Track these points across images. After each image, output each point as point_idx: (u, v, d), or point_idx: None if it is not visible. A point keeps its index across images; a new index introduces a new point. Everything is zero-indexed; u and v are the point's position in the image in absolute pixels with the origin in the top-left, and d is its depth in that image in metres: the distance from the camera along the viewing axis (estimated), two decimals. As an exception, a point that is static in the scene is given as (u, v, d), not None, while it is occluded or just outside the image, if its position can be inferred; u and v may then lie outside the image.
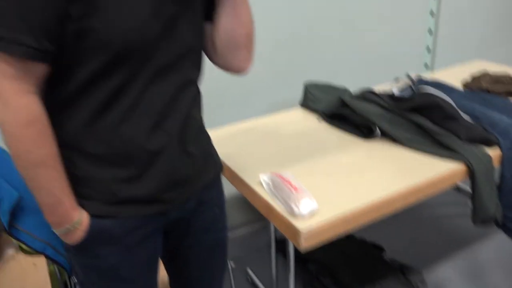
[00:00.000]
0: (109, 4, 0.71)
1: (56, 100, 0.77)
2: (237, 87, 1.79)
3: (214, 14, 0.88)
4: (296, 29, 1.82)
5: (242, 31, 0.88)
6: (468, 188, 1.95)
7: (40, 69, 0.72)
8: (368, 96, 1.50)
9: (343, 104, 1.46)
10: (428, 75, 1.89)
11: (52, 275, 1.19)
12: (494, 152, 1.29)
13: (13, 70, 0.70)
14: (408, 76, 1.77)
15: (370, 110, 1.41)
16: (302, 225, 1.01)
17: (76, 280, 0.92)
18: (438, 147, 1.30)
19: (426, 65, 2.29)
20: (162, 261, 1.01)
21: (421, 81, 1.72)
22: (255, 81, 1.81)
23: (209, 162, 0.94)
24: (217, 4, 0.87)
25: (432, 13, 2.19)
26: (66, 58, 0.73)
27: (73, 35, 0.71)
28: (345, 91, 1.65)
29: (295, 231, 1.02)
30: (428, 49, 2.26)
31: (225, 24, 0.88)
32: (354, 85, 2.00)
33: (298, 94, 1.88)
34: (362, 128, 1.40)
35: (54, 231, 0.80)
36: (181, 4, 0.80)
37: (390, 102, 1.46)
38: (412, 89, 1.63)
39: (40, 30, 0.69)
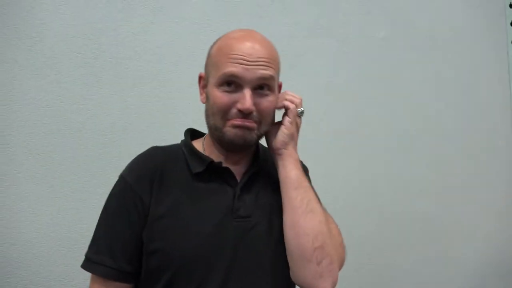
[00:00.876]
0: (171, 227, 0.86)
1: None
2: None
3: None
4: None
5: (305, 244, 0.84)
6: None
7: None
8: None
9: None
10: None
11: None
12: None
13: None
14: None
15: None
16: None
17: None
18: None
19: None
20: None
21: None
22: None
23: None
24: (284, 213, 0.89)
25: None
26: (140, 278, 0.88)
27: (145, 256, 0.86)
28: None
29: None
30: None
31: (286, 233, 0.87)
32: None
33: None
34: None
35: None
36: (249, 220, 0.89)
37: None
38: None
39: (120, 252, 0.86)
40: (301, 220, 0.85)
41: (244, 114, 0.86)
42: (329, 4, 1.71)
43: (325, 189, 1.66)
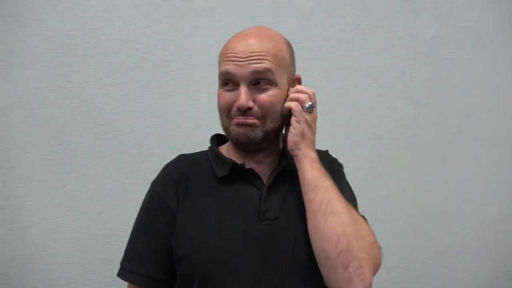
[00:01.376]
0: (197, 233, 0.85)
1: None
2: None
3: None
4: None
5: (328, 247, 0.79)
6: None
7: None
8: None
9: None
10: None
11: None
12: None
13: None
14: None
15: None
16: None
17: None
18: None
19: None
20: None
21: None
22: None
23: None
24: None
25: None
26: (175, 285, 0.88)
27: (175, 263, 0.87)
28: None
29: None
30: None
31: (311, 237, 0.82)
32: None
33: None
34: None
35: None
36: (277, 222, 0.86)
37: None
38: None
39: (150, 260, 0.87)
40: (322, 223, 0.80)
41: (243, 111, 0.84)
42: (374, 4, 1.68)
43: (370, 191, 1.65)
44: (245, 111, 0.84)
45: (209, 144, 0.99)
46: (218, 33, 1.55)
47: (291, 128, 0.87)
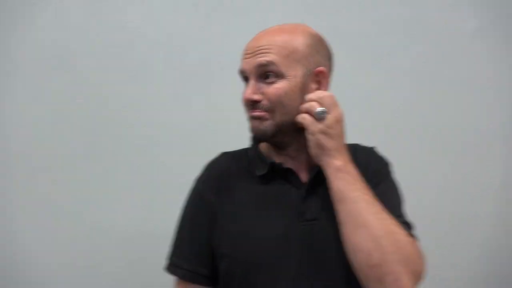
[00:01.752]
0: (236, 233, 0.85)
1: None
2: None
3: None
4: None
5: (360, 261, 0.77)
6: None
7: None
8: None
9: None
10: None
11: None
12: None
13: None
14: None
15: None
16: None
17: None
18: None
19: None
20: None
21: None
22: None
23: None
24: None
25: None
26: (218, 282, 0.88)
27: (216, 260, 0.87)
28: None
29: None
30: None
31: (344, 246, 0.80)
32: None
33: None
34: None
35: None
36: (316, 223, 0.85)
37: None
38: None
39: (195, 256, 0.88)
40: (352, 237, 0.78)
41: (251, 104, 0.86)
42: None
43: (415, 190, 1.59)
44: (253, 104, 0.86)
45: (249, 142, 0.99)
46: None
47: (308, 141, 0.85)
